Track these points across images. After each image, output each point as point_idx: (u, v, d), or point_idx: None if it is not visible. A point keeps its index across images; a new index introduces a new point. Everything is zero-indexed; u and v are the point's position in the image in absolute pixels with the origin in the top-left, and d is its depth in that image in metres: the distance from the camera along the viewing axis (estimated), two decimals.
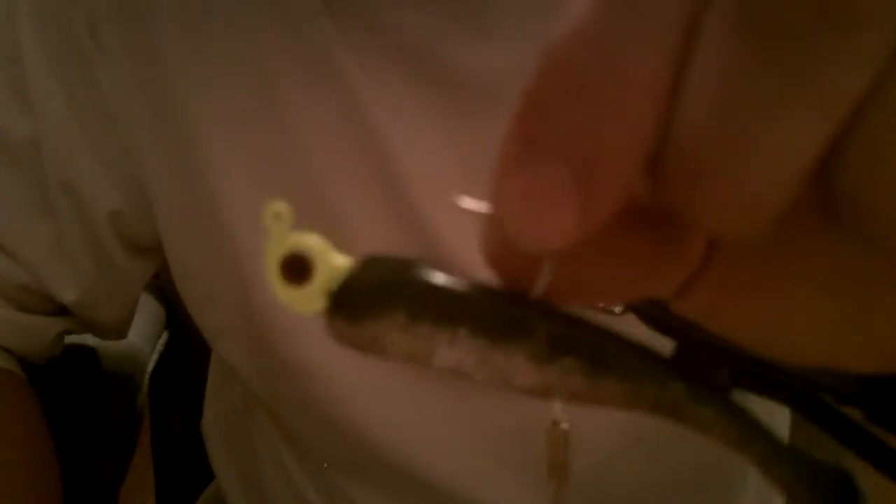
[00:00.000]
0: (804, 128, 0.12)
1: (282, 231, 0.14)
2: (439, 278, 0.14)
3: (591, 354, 0.14)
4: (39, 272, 0.51)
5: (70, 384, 0.61)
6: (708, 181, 0.12)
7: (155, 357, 0.71)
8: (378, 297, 0.14)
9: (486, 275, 0.15)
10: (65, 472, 0.51)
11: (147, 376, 0.69)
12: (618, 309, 0.22)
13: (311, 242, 0.15)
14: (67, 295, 0.52)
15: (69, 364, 0.59)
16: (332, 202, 0.46)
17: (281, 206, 0.14)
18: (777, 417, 0.56)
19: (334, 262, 0.15)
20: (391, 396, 0.49)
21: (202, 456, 0.65)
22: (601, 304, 0.23)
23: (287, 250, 0.14)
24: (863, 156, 0.12)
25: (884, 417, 0.16)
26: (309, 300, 0.14)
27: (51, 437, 0.52)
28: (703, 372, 0.15)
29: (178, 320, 0.75)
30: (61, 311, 0.54)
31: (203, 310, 0.53)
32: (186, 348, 0.73)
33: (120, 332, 0.59)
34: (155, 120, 0.48)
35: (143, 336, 0.70)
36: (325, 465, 0.53)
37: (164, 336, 0.74)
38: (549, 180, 0.13)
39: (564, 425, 0.23)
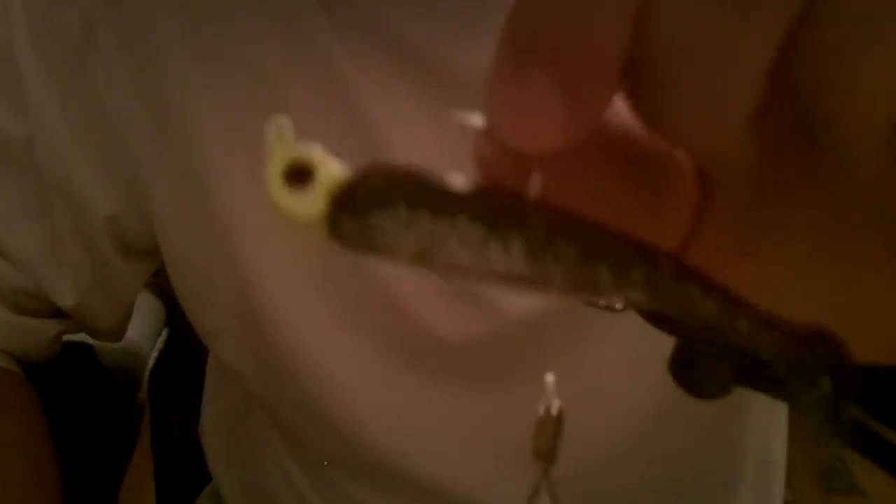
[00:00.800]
0: (759, 30, 0.13)
1: (284, 144, 0.15)
2: (439, 177, 0.15)
3: (584, 239, 0.15)
4: (36, 275, 0.51)
5: (69, 383, 0.61)
6: (677, 85, 0.14)
7: (155, 355, 0.70)
8: (381, 191, 0.15)
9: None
10: (64, 471, 0.51)
11: (147, 374, 0.69)
12: (619, 305, 0.22)
13: (314, 152, 0.15)
14: (65, 299, 0.52)
15: (68, 362, 0.59)
16: None
17: (283, 121, 0.15)
18: (775, 415, 0.56)
19: (336, 170, 0.15)
20: (391, 397, 0.49)
21: (202, 455, 0.65)
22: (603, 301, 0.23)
23: (289, 160, 0.15)
24: (813, 51, 0.13)
25: (885, 413, 0.16)
26: (311, 204, 0.15)
27: (50, 436, 0.52)
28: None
29: (178, 318, 0.75)
30: (58, 313, 0.54)
31: (202, 311, 0.52)
32: (186, 346, 0.73)
33: (117, 335, 0.59)
34: (152, 121, 0.47)
35: (142, 334, 0.70)
36: (325, 463, 0.53)
37: (164, 334, 0.74)
38: (535, 87, 0.14)
39: (554, 410, 0.23)
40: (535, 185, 0.15)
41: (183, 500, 0.70)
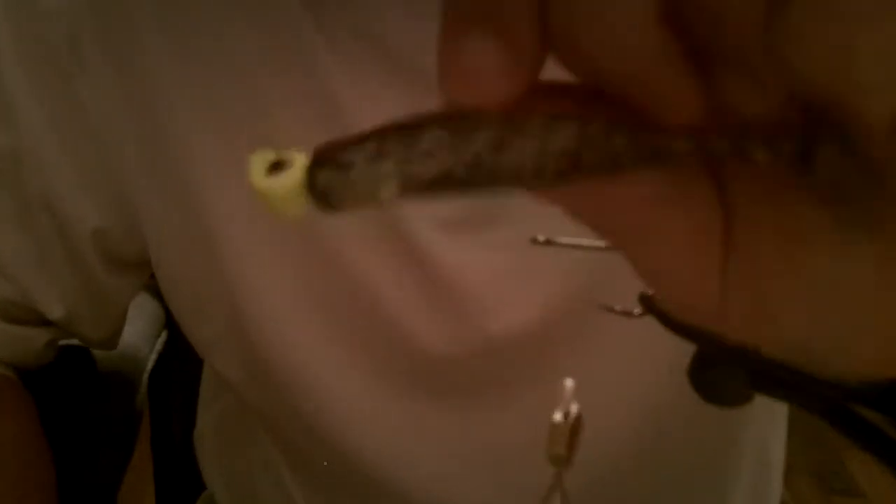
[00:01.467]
0: None
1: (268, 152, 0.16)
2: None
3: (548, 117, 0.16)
4: (25, 287, 0.51)
5: (68, 385, 0.61)
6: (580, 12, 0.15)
7: (154, 357, 0.70)
8: (351, 139, 0.16)
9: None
10: (64, 472, 0.51)
11: (146, 376, 0.69)
12: (637, 311, 0.22)
13: (293, 153, 0.16)
14: (53, 310, 0.52)
15: (66, 365, 0.59)
16: (321, 220, 0.46)
17: (266, 153, 0.16)
18: (774, 415, 0.56)
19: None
20: (384, 411, 0.49)
21: None
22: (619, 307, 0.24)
23: (268, 158, 0.16)
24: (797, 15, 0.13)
25: None
26: (288, 178, 0.16)
27: (45, 439, 0.52)
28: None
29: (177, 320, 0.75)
30: (49, 321, 0.53)
31: (194, 321, 0.52)
32: (186, 348, 0.73)
33: (110, 343, 0.58)
34: (140, 134, 0.47)
35: (142, 336, 0.70)
36: (325, 463, 0.53)
37: (164, 336, 0.74)
38: (467, 39, 0.15)
39: (574, 409, 0.23)
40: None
41: (182, 502, 0.70)
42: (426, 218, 0.45)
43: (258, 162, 0.16)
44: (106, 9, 0.45)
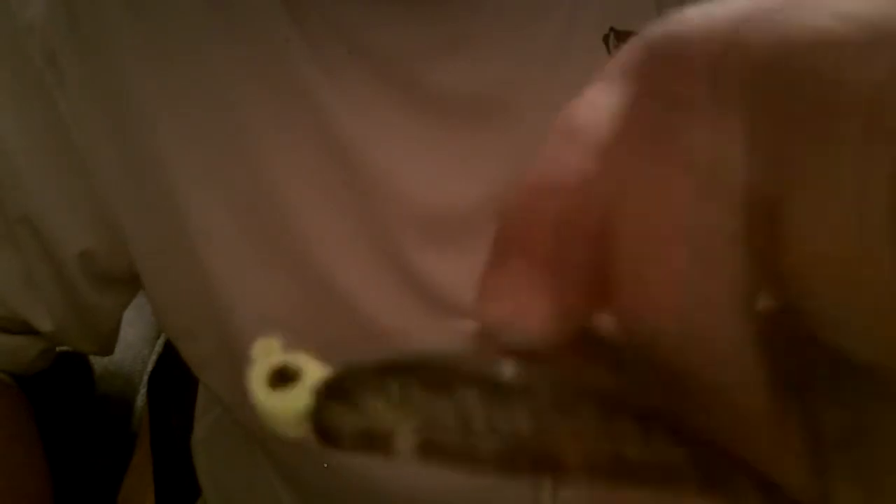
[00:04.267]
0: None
1: (271, 357, 0.15)
2: (432, 352, 0.14)
3: (600, 397, 0.14)
4: (13, 302, 0.50)
5: (68, 385, 0.61)
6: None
7: (154, 358, 0.70)
8: (369, 374, 0.14)
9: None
10: (64, 472, 0.51)
11: (146, 377, 0.69)
12: None
13: (299, 358, 0.15)
14: (44, 325, 0.51)
15: (66, 365, 0.59)
16: (308, 233, 0.46)
17: (271, 340, 0.15)
18: None
19: (320, 371, 0.14)
20: None
21: None
22: None
23: (273, 365, 0.15)
24: None
25: None
26: (295, 400, 0.14)
27: (37, 442, 0.51)
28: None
29: None
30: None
31: (183, 342, 0.52)
32: None
33: (104, 352, 0.58)
34: (121, 154, 0.46)
35: (142, 336, 0.69)
36: (325, 465, 0.53)
37: (164, 336, 0.74)
38: (522, 273, 0.14)
39: None
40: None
41: (182, 502, 0.70)
42: (423, 241, 0.45)
43: (261, 370, 0.14)
44: (83, 23, 0.45)
